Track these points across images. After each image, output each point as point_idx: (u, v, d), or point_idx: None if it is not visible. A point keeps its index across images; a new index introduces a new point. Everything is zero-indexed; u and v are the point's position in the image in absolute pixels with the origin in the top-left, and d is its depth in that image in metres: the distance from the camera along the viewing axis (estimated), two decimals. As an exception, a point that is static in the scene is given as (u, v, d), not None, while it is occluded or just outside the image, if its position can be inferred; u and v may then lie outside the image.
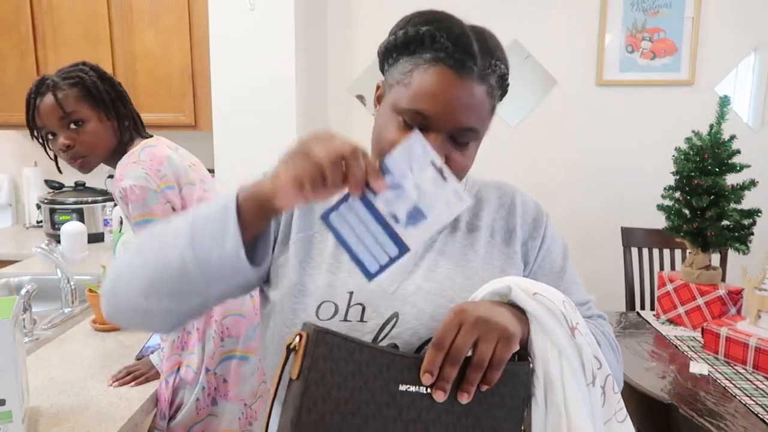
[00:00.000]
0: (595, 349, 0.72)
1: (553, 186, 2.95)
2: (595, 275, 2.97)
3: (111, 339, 1.56)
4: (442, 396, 0.63)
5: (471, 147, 0.80)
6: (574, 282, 0.90)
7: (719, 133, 1.95)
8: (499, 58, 0.79)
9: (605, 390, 0.72)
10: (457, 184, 0.66)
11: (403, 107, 0.76)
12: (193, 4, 2.60)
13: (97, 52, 2.68)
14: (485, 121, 0.80)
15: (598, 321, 0.88)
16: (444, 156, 0.76)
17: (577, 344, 0.70)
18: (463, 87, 0.75)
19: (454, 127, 0.76)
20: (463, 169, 0.81)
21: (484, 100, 0.78)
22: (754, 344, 1.63)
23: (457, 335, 0.64)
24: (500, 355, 0.64)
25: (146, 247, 0.75)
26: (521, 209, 0.91)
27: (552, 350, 0.69)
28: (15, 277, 2.15)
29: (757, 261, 1.94)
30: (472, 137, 0.79)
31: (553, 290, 0.74)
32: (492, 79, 0.78)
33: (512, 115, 2.96)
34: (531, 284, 0.73)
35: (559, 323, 0.70)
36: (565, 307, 0.72)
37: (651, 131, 2.89)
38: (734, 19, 2.78)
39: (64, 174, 3.13)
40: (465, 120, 0.76)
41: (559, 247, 0.92)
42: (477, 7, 2.85)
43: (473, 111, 0.76)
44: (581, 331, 0.71)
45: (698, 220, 1.97)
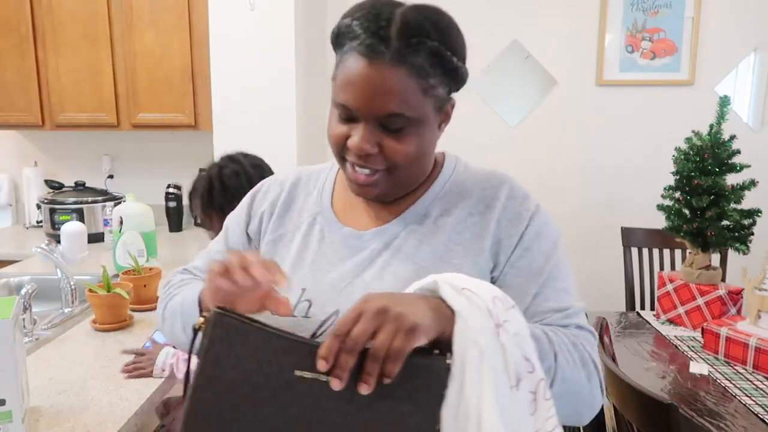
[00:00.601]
0: (527, 350, 0.66)
1: (553, 186, 2.95)
2: (595, 275, 2.97)
3: (111, 339, 1.56)
4: (337, 384, 0.61)
5: (408, 132, 0.77)
6: (557, 287, 0.82)
7: (719, 133, 1.95)
8: (426, 35, 0.74)
9: (537, 396, 0.66)
10: None
11: (334, 102, 0.79)
12: (193, 4, 2.60)
13: (97, 52, 2.69)
14: (414, 104, 0.75)
15: (575, 331, 0.79)
16: (376, 144, 0.77)
17: (501, 343, 0.65)
18: (376, 72, 0.73)
19: (377, 115, 0.75)
20: (403, 156, 0.78)
21: (404, 82, 0.74)
22: (754, 344, 1.63)
23: (357, 324, 0.62)
24: (398, 347, 0.60)
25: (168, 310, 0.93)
26: (503, 204, 0.85)
27: (474, 348, 0.64)
28: (15, 277, 2.15)
29: (757, 261, 1.94)
30: (399, 122, 0.76)
31: (486, 287, 0.69)
32: (415, 59, 0.74)
33: (512, 115, 2.96)
34: (461, 280, 0.68)
35: (483, 320, 0.65)
36: (494, 304, 0.67)
37: (651, 131, 2.89)
38: (734, 19, 2.77)
39: (64, 174, 3.14)
40: (383, 106, 0.74)
41: (545, 247, 0.84)
42: (477, 7, 2.85)
43: (391, 95, 0.74)
44: (508, 330, 0.66)
45: (698, 220, 1.96)
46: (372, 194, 0.82)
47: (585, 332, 0.81)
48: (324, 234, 0.89)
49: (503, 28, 2.88)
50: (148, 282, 1.77)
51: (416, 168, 0.83)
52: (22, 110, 2.77)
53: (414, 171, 0.83)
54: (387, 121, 0.76)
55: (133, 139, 3.08)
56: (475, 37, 3.27)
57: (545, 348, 0.72)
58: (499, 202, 0.85)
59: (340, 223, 0.89)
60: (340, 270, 0.84)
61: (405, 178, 0.83)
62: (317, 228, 0.90)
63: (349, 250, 0.86)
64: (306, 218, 0.91)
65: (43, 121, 2.78)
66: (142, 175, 3.11)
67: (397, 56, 0.73)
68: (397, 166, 0.79)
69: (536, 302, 0.82)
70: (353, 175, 0.81)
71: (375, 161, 0.78)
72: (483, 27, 2.87)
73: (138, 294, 1.74)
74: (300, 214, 0.92)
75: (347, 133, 0.78)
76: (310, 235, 0.89)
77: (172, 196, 2.94)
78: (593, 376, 0.78)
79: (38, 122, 2.77)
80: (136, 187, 2.92)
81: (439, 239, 0.83)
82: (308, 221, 0.91)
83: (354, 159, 0.79)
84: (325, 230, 0.89)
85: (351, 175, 0.81)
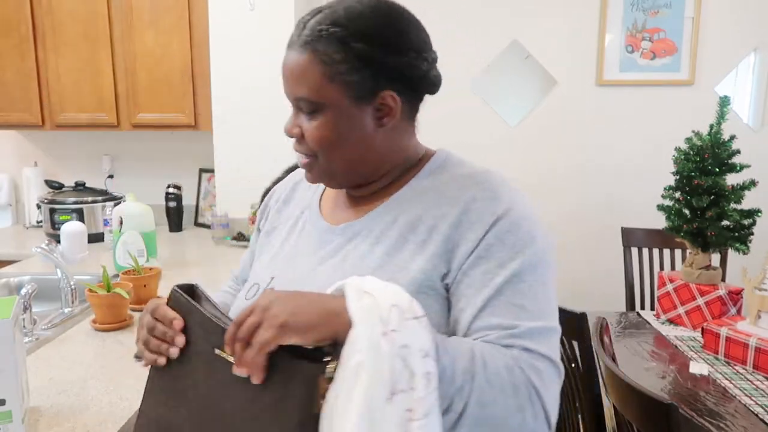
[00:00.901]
0: (414, 366, 0.64)
1: (553, 186, 2.95)
2: (595, 275, 2.97)
3: (111, 339, 1.56)
4: (236, 369, 0.68)
5: (319, 117, 0.80)
6: (511, 302, 0.75)
7: (719, 133, 1.95)
8: (336, 24, 0.77)
9: (413, 416, 0.63)
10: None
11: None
12: (193, 4, 2.60)
13: (97, 52, 2.68)
14: (317, 88, 0.78)
15: (517, 354, 0.72)
16: (297, 126, 0.83)
17: (382, 352, 0.63)
18: (289, 58, 0.81)
19: (292, 98, 0.82)
20: (315, 140, 0.81)
21: (309, 67, 0.78)
22: (754, 344, 1.63)
23: (249, 316, 0.68)
24: (261, 339, 0.65)
25: None
26: (466, 206, 0.80)
27: (357, 354, 0.64)
28: (15, 277, 2.15)
29: (757, 261, 1.94)
30: (308, 107, 0.80)
31: (390, 294, 0.68)
32: (320, 45, 0.78)
33: (512, 115, 2.96)
34: (369, 284, 0.69)
35: (373, 327, 0.64)
36: (391, 312, 0.65)
37: (651, 131, 2.89)
38: (734, 19, 2.78)
39: (64, 174, 3.14)
40: (292, 89, 0.81)
41: (504, 255, 0.77)
42: (477, 7, 2.85)
43: (297, 79, 0.80)
44: (394, 340, 0.64)
45: (698, 220, 1.96)
46: (312, 180, 0.88)
47: (534, 357, 0.72)
48: (305, 227, 0.93)
49: (503, 28, 2.88)
50: (148, 282, 1.77)
51: (344, 157, 0.83)
52: (22, 110, 2.77)
53: (343, 160, 0.84)
54: (298, 104, 0.82)
55: (133, 139, 3.08)
56: (475, 37, 3.26)
57: (461, 366, 0.68)
58: (462, 204, 0.80)
59: (321, 217, 0.92)
60: (306, 261, 0.88)
61: (334, 166, 0.84)
62: (302, 221, 0.95)
63: (320, 242, 0.89)
64: (296, 212, 0.97)
65: (43, 121, 2.78)
66: (142, 175, 3.11)
67: (304, 43, 0.79)
68: (316, 151, 0.83)
69: (481, 315, 0.75)
70: (300, 163, 0.87)
71: (301, 144, 0.84)
72: (483, 27, 2.87)
73: (138, 294, 1.74)
74: (294, 208, 0.98)
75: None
76: (295, 227, 0.95)
77: (172, 196, 2.94)
78: (530, 406, 0.70)
79: (38, 122, 2.77)
80: (136, 187, 2.91)
81: (392, 238, 0.82)
82: (297, 215, 0.96)
83: (293, 143, 0.86)
84: (307, 223, 0.94)
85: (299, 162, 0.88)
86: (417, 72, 0.82)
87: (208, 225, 2.81)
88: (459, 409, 0.67)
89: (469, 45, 2.88)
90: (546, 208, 2.96)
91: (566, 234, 2.97)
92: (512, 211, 0.79)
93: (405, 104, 0.84)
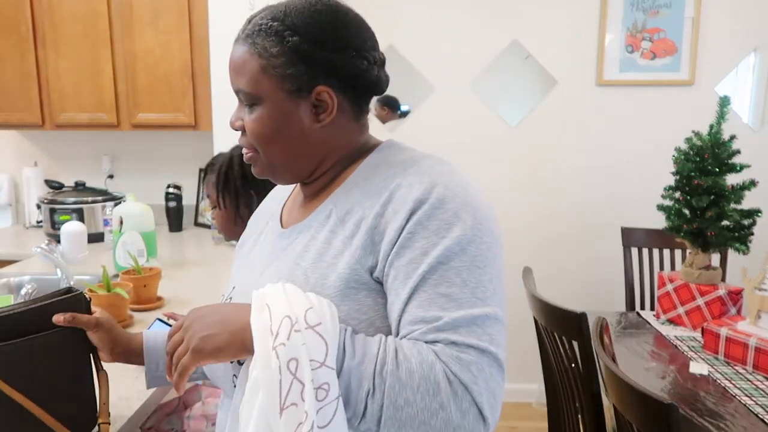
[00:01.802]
0: (304, 378, 0.64)
1: (553, 186, 2.95)
2: (595, 275, 2.97)
3: (111, 339, 1.56)
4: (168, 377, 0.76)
5: (257, 110, 0.82)
6: (437, 292, 0.71)
7: (719, 133, 1.95)
8: (275, 20, 0.79)
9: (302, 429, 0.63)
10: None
11: None
12: (193, 4, 2.60)
13: (97, 51, 2.68)
14: (253, 81, 0.80)
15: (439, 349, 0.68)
16: (239, 118, 0.84)
17: (272, 366, 0.65)
18: (233, 52, 0.83)
19: (234, 90, 0.84)
20: (253, 133, 0.83)
21: (248, 60, 0.81)
22: (754, 344, 1.62)
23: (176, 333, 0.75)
24: (182, 364, 0.73)
25: None
26: (391, 194, 0.77)
27: (254, 370, 0.67)
28: (15, 277, 2.15)
29: (757, 261, 1.94)
30: (247, 99, 0.82)
31: (283, 304, 0.68)
32: (258, 38, 0.80)
33: (512, 115, 2.96)
34: (270, 295, 0.72)
35: (266, 341, 0.67)
36: (282, 324, 0.66)
37: (651, 131, 2.89)
38: (734, 19, 2.78)
39: (64, 174, 3.14)
40: (233, 81, 0.83)
41: (427, 242, 0.72)
42: (477, 7, 2.85)
43: (237, 72, 0.82)
44: (280, 355, 0.64)
45: (698, 220, 1.96)
46: (257, 173, 0.88)
47: (460, 349, 0.68)
48: (267, 233, 0.95)
49: (503, 28, 2.88)
50: (148, 282, 1.77)
51: (282, 151, 0.83)
52: (22, 110, 2.77)
53: (281, 154, 0.84)
54: (239, 96, 0.84)
55: (133, 139, 3.08)
56: (475, 37, 3.27)
57: (370, 369, 0.67)
58: (387, 193, 0.77)
59: (279, 222, 0.94)
60: (257, 269, 0.90)
61: (274, 159, 0.85)
62: (265, 230, 0.96)
63: (272, 247, 0.90)
64: (263, 223, 0.99)
65: (43, 121, 2.78)
66: (142, 175, 3.11)
67: (246, 36, 0.81)
68: (256, 145, 0.84)
69: (408, 309, 0.71)
70: (245, 157, 0.88)
71: (244, 137, 0.85)
72: (483, 27, 2.87)
73: (138, 294, 1.74)
74: (261, 219, 1.01)
75: None
76: (260, 237, 0.97)
77: (172, 196, 2.94)
78: (454, 402, 0.66)
79: (38, 122, 2.77)
80: (136, 187, 2.92)
81: (325, 234, 0.81)
82: (262, 225, 0.98)
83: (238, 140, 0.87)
84: (268, 230, 0.95)
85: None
86: (354, 70, 0.81)
87: (208, 225, 2.81)
88: (375, 411, 0.66)
89: (469, 45, 2.88)
90: (546, 208, 2.97)
91: (566, 234, 2.97)
92: (434, 194, 0.74)
93: (344, 101, 0.83)
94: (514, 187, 2.94)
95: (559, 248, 2.98)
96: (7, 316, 0.89)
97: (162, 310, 1.76)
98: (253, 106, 0.82)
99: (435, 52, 2.88)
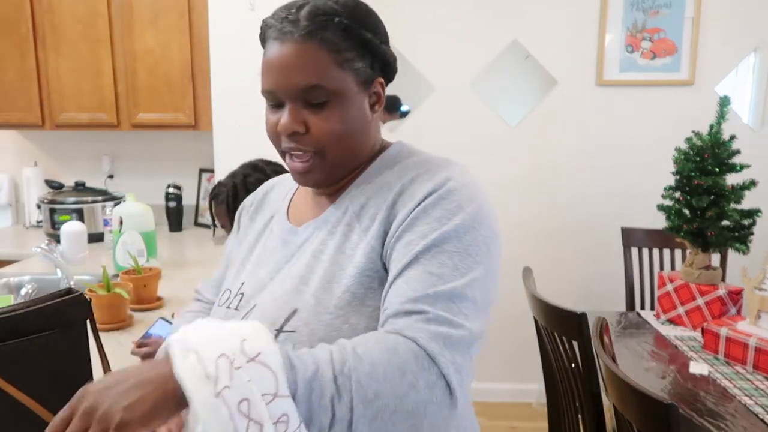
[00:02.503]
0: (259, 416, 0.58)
1: (552, 186, 2.95)
2: (595, 275, 2.97)
3: (111, 339, 1.56)
4: None
5: (329, 108, 0.79)
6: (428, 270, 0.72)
7: (719, 133, 1.95)
8: (332, 14, 0.78)
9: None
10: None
11: (262, 93, 0.83)
12: (193, 4, 2.60)
13: (97, 52, 2.68)
14: (331, 76, 0.78)
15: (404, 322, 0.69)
16: (302, 122, 0.79)
17: (222, 414, 0.57)
18: (288, 50, 0.78)
19: (296, 90, 0.78)
20: (328, 133, 0.79)
21: (316, 55, 0.77)
22: (754, 344, 1.62)
23: (69, 424, 0.58)
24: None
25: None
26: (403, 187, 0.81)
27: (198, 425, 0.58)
28: (15, 277, 2.15)
29: (757, 261, 1.94)
30: (320, 95, 0.78)
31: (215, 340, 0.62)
32: (324, 34, 0.77)
33: (512, 115, 2.96)
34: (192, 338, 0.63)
35: (204, 390, 0.58)
36: (218, 365, 0.59)
37: (651, 131, 2.89)
38: (734, 19, 2.77)
39: (64, 174, 3.14)
40: (299, 79, 0.78)
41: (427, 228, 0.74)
42: (477, 7, 2.85)
43: (305, 68, 0.77)
44: (227, 399, 0.58)
45: (698, 220, 1.96)
46: (312, 181, 0.84)
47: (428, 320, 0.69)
48: (273, 229, 0.94)
49: (503, 28, 2.88)
50: (148, 282, 1.77)
51: (348, 148, 0.83)
52: (22, 110, 2.77)
53: (346, 152, 0.83)
54: (308, 95, 0.78)
55: (133, 139, 3.08)
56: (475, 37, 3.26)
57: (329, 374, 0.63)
58: (399, 186, 0.81)
59: (286, 219, 0.92)
60: (270, 264, 0.88)
61: (338, 159, 0.83)
62: (269, 229, 0.95)
63: (282, 244, 0.89)
64: (266, 218, 0.97)
65: (43, 121, 2.78)
66: (142, 175, 3.11)
67: (306, 33, 0.77)
68: (324, 146, 0.80)
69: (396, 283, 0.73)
70: (291, 165, 0.84)
71: (304, 141, 0.80)
72: (483, 27, 2.87)
73: (138, 294, 1.74)
74: (264, 215, 0.98)
75: (278, 121, 0.81)
76: (263, 233, 0.95)
77: (172, 196, 2.94)
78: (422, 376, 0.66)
79: (38, 122, 2.77)
80: (136, 187, 2.92)
81: (342, 229, 0.83)
82: (266, 220, 0.96)
83: (287, 144, 0.81)
84: (274, 226, 0.94)
85: (290, 165, 0.84)
86: (393, 60, 0.86)
87: (208, 225, 2.81)
88: (345, 414, 0.63)
89: (469, 45, 2.88)
90: (546, 208, 2.97)
91: (566, 234, 2.97)
92: (446, 186, 0.77)
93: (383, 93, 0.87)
94: (514, 187, 2.93)
95: (559, 248, 2.98)
96: (8, 316, 0.89)
97: (162, 311, 1.76)
98: (324, 103, 0.79)
99: (435, 52, 2.88)
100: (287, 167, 0.86)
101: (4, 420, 0.88)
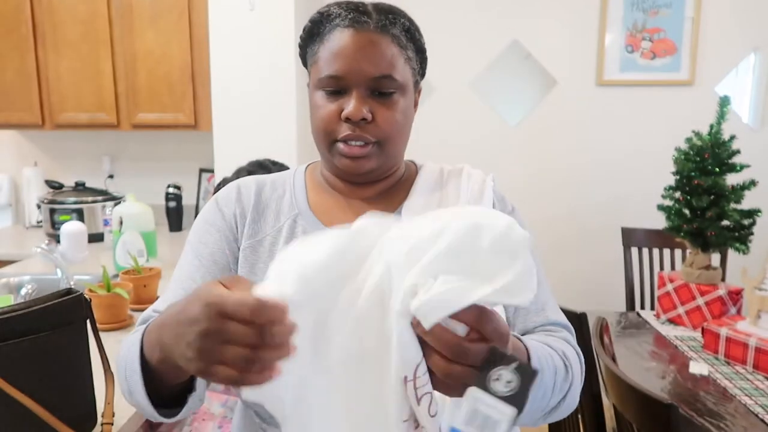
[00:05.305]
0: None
1: (553, 186, 2.95)
2: (595, 275, 2.97)
3: (111, 339, 1.56)
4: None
5: (395, 99, 0.83)
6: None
7: (719, 133, 1.95)
8: (398, 14, 0.84)
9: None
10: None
11: (320, 78, 0.82)
12: (193, 4, 2.60)
13: (97, 52, 2.68)
14: (399, 69, 0.82)
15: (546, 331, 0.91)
16: (369, 112, 0.80)
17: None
18: (364, 38, 0.80)
19: (369, 78, 0.80)
20: (393, 124, 0.82)
21: (389, 47, 0.81)
22: (754, 344, 1.62)
23: None
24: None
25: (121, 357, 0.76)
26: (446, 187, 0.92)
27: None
28: (15, 277, 2.15)
29: (757, 261, 1.94)
30: (390, 85, 0.81)
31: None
32: (394, 30, 0.82)
33: (512, 115, 2.96)
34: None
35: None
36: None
37: (651, 131, 2.89)
38: (734, 19, 2.77)
39: (64, 174, 3.14)
40: (374, 67, 0.80)
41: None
42: (477, 7, 2.85)
43: (380, 58, 0.80)
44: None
45: (698, 220, 1.96)
46: (365, 168, 0.84)
47: (556, 329, 0.88)
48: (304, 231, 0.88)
49: (503, 28, 2.88)
50: (148, 282, 1.77)
51: (402, 143, 0.88)
52: (22, 110, 2.77)
53: (400, 146, 0.87)
54: (379, 84, 0.80)
55: (133, 139, 3.08)
56: (475, 37, 3.25)
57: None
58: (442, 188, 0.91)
59: (318, 221, 0.88)
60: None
61: (393, 151, 0.86)
62: (299, 230, 0.89)
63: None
64: (285, 221, 0.90)
65: (43, 121, 2.78)
66: (142, 175, 3.11)
67: (380, 26, 0.81)
68: (387, 137, 0.82)
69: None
70: (346, 150, 0.82)
71: (368, 130, 0.81)
72: (483, 27, 2.87)
73: (138, 294, 1.74)
74: (277, 217, 0.91)
75: (338, 109, 0.81)
76: (293, 236, 0.88)
77: (172, 196, 2.94)
78: (572, 384, 0.81)
79: (38, 122, 2.77)
80: (136, 187, 2.92)
81: None
82: (289, 223, 0.90)
83: (348, 131, 0.81)
84: (308, 232, 0.88)
85: (343, 150, 0.82)
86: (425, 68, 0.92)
87: (208, 225, 2.81)
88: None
89: (469, 45, 2.88)
90: (546, 208, 2.97)
91: (566, 234, 2.97)
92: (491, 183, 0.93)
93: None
94: (514, 187, 2.93)
95: (559, 248, 2.98)
96: (8, 316, 0.89)
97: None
98: (391, 94, 0.82)
99: (435, 52, 2.87)
100: (336, 156, 0.83)
101: (4, 420, 0.88)
